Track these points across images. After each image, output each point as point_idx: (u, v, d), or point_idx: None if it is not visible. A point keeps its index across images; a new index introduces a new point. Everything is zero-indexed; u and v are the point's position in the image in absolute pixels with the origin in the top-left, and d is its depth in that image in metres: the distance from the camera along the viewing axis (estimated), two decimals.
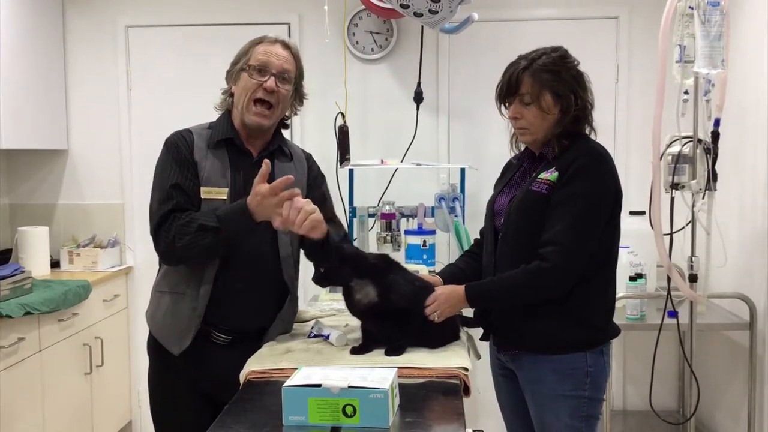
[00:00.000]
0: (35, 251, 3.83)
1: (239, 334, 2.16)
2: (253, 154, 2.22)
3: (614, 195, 2.07)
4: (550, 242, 1.99)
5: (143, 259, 4.12)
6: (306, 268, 2.33)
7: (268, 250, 2.18)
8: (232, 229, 2.01)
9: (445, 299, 2.04)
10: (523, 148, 2.23)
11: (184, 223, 2.02)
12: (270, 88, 2.15)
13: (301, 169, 2.31)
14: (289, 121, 2.37)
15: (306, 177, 2.32)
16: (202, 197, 2.11)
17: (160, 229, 2.06)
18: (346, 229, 2.32)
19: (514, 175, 2.22)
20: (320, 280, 2.03)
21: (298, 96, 2.32)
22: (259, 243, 2.15)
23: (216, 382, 2.09)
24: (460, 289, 2.07)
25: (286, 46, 2.23)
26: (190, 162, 2.13)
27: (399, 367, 1.75)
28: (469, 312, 2.22)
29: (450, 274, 2.26)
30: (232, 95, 2.22)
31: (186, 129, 2.22)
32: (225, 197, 2.12)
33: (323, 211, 2.05)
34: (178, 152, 2.13)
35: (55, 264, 4.01)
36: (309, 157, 2.41)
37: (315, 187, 2.33)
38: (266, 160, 2.01)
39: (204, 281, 2.11)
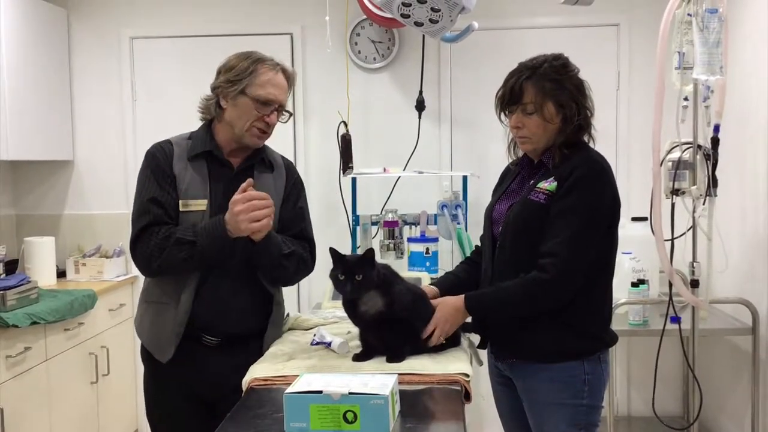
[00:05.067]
0: (41, 261, 3.86)
1: (228, 338, 2.20)
2: (233, 165, 2.24)
3: (612, 206, 2.07)
4: (549, 254, 1.99)
5: None
6: (308, 276, 2.36)
7: (245, 259, 2.17)
8: (207, 243, 2.04)
9: (445, 320, 2.04)
10: (521, 155, 2.23)
11: (164, 238, 2.06)
12: (272, 123, 2.21)
13: (280, 178, 2.33)
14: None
15: (284, 186, 2.33)
16: (180, 209, 2.13)
17: (137, 242, 2.11)
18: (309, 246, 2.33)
19: (512, 182, 2.23)
20: (357, 290, 1.94)
21: (282, 115, 2.28)
22: (234, 253, 2.13)
23: (209, 385, 2.15)
24: (459, 302, 2.07)
25: (285, 73, 2.24)
26: (168, 174, 2.15)
27: (400, 374, 1.76)
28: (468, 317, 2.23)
29: (448, 284, 2.27)
30: (219, 106, 2.21)
31: (166, 140, 2.24)
32: (204, 208, 2.14)
33: (293, 223, 2.22)
34: (157, 164, 2.16)
35: (61, 274, 4.04)
36: (289, 165, 2.40)
37: (292, 195, 2.33)
38: (249, 179, 2.06)
39: (185, 291, 2.14)
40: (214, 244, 2.05)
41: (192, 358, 2.17)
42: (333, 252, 1.99)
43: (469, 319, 2.21)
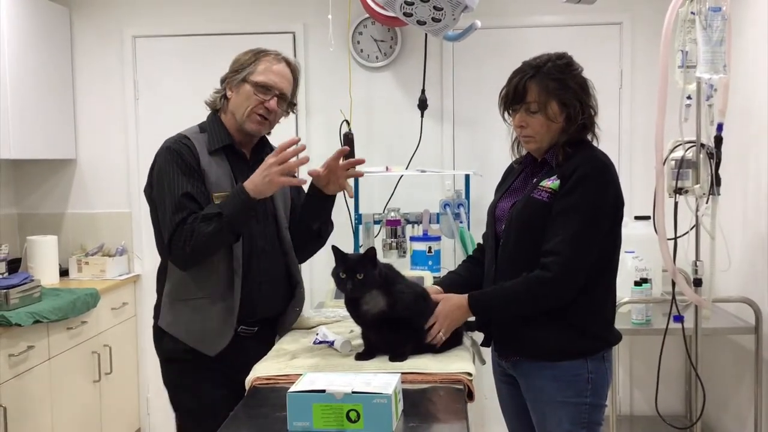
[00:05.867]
0: (44, 260, 3.86)
1: (262, 324, 2.27)
2: (247, 157, 2.32)
3: (615, 204, 2.07)
4: (552, 252, 1.99)
5: (151, 267, 4.14)
6: (312, 271, 2.36)
7: (276, 245, 2.31)
8: (232, 211, 2.08)
9: (445, 316, 2.05)
10: (524, 153, 2.23)
11: (191, 221, 2.09)
12: (272, 108, 2.24)
13: None
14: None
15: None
16: (214, 202, 2.16)
17: (173, 237, 2.11)
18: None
19: (515, 180, 2.23)
20: (358, 289, 1.96)
21: (289, 108, 2.38)
22: (267, 240, 2.29)
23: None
24: (462, 300, 2.08)
25: (289, 64, 2.31)
26: (196, 170, 2.18)
27: (403, 373, 1.77)
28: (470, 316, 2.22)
29: (451, 282, 2.28)
30: (226, 98, 2.28)
31: (182, 135, 2.25)
32: None
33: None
34: (183, 160, 2.17)
35: (63, 273, 4.04)
36: None
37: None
38: (294, 137, 2.18)
39: (234, 282, 2.18)
40: (239, 210, 2.09)
41: (233, 349, 2.19)
42: (335, 250, 2.00)
43: (472, 318, 2.21)
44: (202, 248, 2.11)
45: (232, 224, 2.09)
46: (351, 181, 3.74)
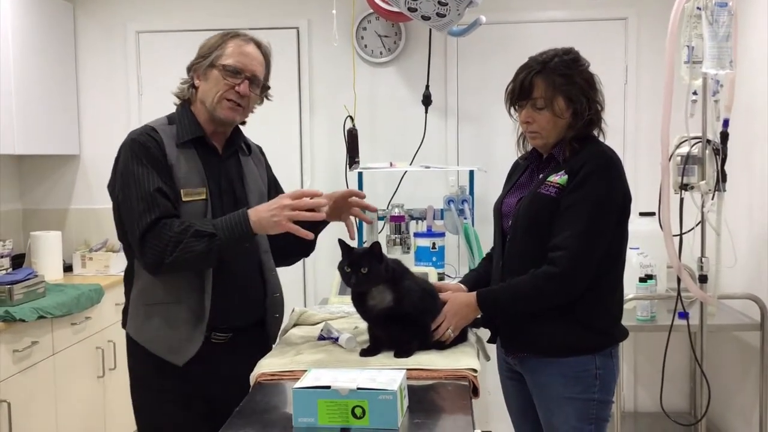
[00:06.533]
0: (48, 256, 3.86)
1: (237, 331, 2.14)
2: (218, 150, 2.17)
3: (623, 199, 2.06)
4: (560, 247, 1.99)
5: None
6: (315, 267, 2.35)
7: (251, 248, 2.14)
8: (227, 236, 1.94)
9: (454, 313, 2.04)
10: (530, 149, 2.23)
11: (181, 230, 1.94)
12: (244, 92, 2.10)
13: (258, 162, 2.33)
14: (247, 119, 2.26)
15: (265, 168, 2.36)
16: (183, 200, 2.03)
17: (147, 236, 1.95)
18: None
19: (520, 176, 2.22)
20: (362, 283, 1.93)
21: (263, 93, 2.22)
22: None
23: (224, 383, 2.04)
24: (471, 297, 2.07)
25: (259, 46, 2.17)
26: (164, 164, 2.03)
27: (408, 369, 1.76)
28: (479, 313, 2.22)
29: (474, 280, 2.27)
30: (194, 87, 2.16)
31: (148, 126, 2.10)
32: (204, 197, 2.06)
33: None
34: (150, 154, 2.02)
35: (67, 268, 4.04)
36: (260, 149, 2.40)
37: (270, 173, 2.38)
38: (319, 192, 2.02)
39: (205, 285, 2.05)
40: (235, 239, 1.95)
41: (204, 357, 2.06)
42: (342, 243, 1.98)
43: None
44: (183, 264, 1.95)
45: (222, 250, 1.95)
46: (356, 177, 3.77)
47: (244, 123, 2.26)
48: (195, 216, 2.03)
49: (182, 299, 2.06)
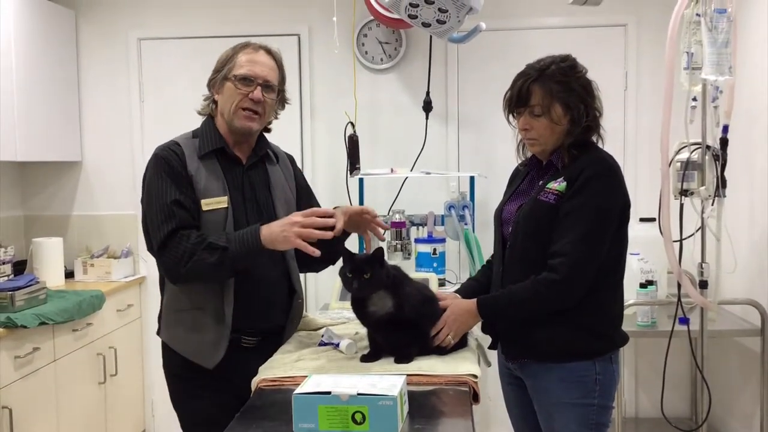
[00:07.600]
0: (50, 262, 3.87)
1: (265, 335, 2.22)
2: (242, 160, 2.24)
3: (622, 206, 2.07)
4: (559, 254, 1.99)
5: (156, 269, 4.15)
6: (316, 276, 2.36)
7: (276, 254, 2.17)
8: (238, 250, 2.02)
9: (454, 319, 2.04)
10: (530, 155, 2.23)
11: (196, 242, 2.03)
12: (257, 99, 2.16)
13: (286, 169, 2.37)
14: (271, 125, 2.35)
15: (293, 176, 2.40)
16: (203, 209, 2.11)
17: (166, 247, 2.06)
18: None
19: (521, 183, 2.23)
20: (364, 288, 1.95)
21: (281, 101, 2.29)
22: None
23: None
24: (471, 304, 2.08)
25: (270, 53, 2.23)
26: (184, 176, 2.11)
27: (408, 375, 1.76)
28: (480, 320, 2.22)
29: (469, 289, 2.28)
30: (215, 102, 2.23)
31: (172, 141, 2.20)
32: (225, 205, 2.13)
33: (310, 206, 2.19)
34: (171, 167, 2.11)
35: (69, 274, 4.05)
36: (291, 158, 2.46)
37: (300, 178, 2.43)
38: (332, 212, 2.08)
39: (225, 292, 2.12)
40: (246, 253, 2.03)
41: (235, 362, 2.13)
42: (344, 249, 2.00)
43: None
44: (197, 275, 2.06)
45: (234, 262, 2.03)
46: (356, 183, 3.78)
47: (269, 130, 2.33)
48: (216, 224, 2.11)
49: (204, 306, 2.15)
